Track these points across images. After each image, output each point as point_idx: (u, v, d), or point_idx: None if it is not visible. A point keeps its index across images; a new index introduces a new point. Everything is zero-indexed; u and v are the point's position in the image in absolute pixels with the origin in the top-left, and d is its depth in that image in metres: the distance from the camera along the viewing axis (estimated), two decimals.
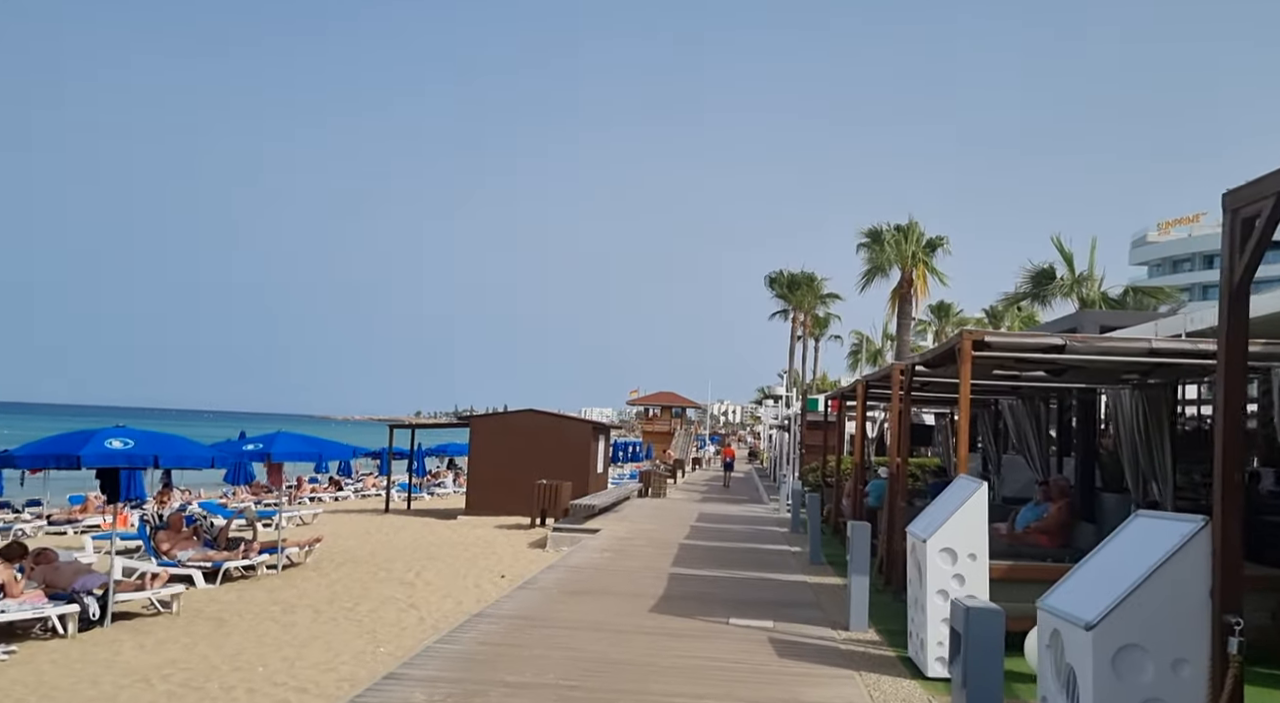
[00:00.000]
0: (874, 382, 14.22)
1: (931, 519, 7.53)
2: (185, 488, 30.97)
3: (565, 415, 26.87)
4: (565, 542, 17.98)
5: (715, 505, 26.11)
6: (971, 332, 7.97)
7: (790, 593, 11.26)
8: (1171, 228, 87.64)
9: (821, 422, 24.48)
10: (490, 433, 25.33)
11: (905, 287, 33.80)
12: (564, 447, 25.14)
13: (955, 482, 7.76)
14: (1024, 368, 9.90)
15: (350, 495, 37.24)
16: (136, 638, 9.64)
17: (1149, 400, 10.29)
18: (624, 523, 19.67)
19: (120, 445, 9.55)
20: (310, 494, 35.31)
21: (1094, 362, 8.32)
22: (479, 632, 8.43)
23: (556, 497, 21.84)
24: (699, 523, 20.16)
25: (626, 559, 13.88)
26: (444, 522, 23.75)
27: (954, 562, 7.18)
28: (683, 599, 10.47)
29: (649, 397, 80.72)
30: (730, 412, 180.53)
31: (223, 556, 13.50)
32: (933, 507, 7.85)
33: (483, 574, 14.60)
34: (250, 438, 14.92)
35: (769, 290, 56.39)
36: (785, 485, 24.74)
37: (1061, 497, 12.07)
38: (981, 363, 8.42)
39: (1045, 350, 7.95)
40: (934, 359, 9.47)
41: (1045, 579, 8.19)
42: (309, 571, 14.51)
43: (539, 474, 22.96)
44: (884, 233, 33.77)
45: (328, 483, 38.98)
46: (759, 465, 61.78)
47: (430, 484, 39.33)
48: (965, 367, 7.95)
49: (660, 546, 15.63)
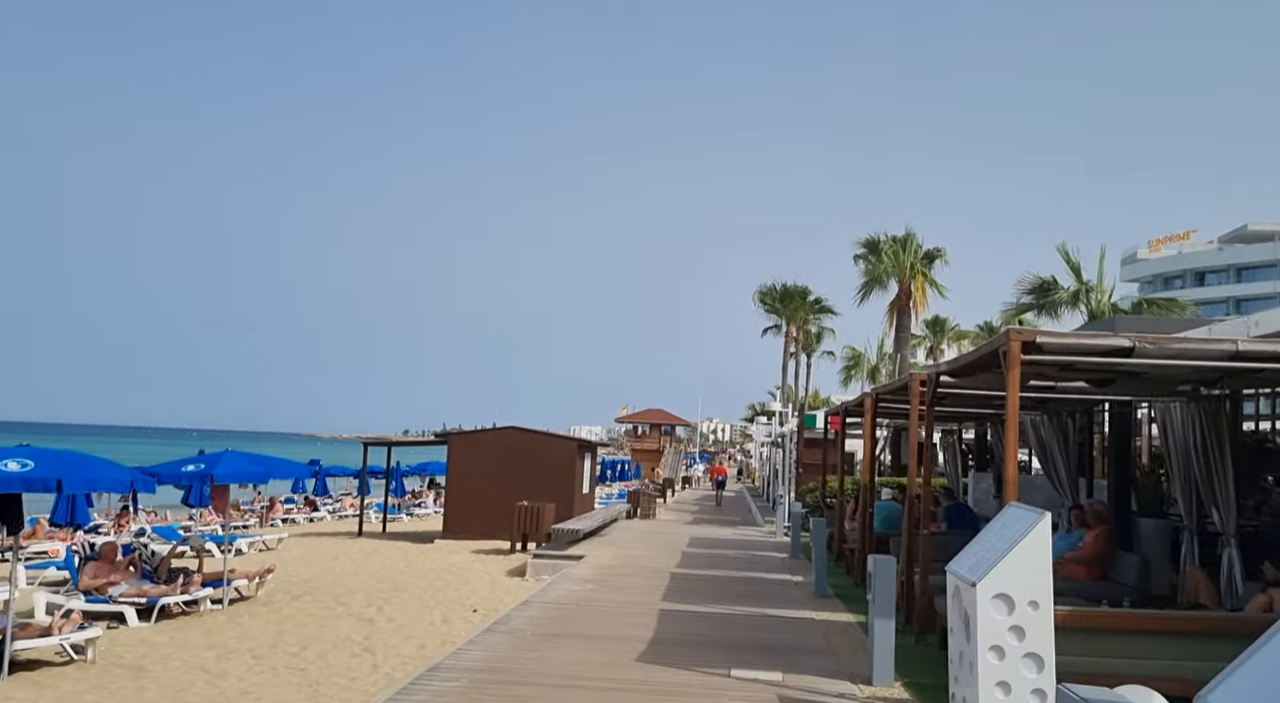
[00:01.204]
0: (885, 395, 12.92)
1: (980, 557, 6.19)
2: (151, 509, 29.39)
3: (549, 433, 25.46)
4: (546, 570, 16.58)
5: (707, 528, 24.71)
6: (1020, 331, 6.68)
7: (797, 634, 9.90)
8: (1162, 245, 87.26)
9: (820, 439, 23.17)
10: (469, 452, 23.90)
11: (904, 299, 32.56)
12: (547, 466, 23.73)
13: (1007, 511, 6.43)
14: (1066, 376, 8.62)
15: (326, 516, 35.68)
16: (31, 694, 8.20)
17: (1207, 414, 9.02)
18: (610, 548, 18.27)
19: (17, 468, 8.14)
20: (284, 516, 33.77)
21: (1159, 368, 7.04)
22: (432, 692, 7.03)
23: (538, 520, 20.41)
24: (691, 548, 18.77)
25: (612, 592, 12.49)
26: (419, 546, 22.29)
27: (1010, 611, 5.83)
28: (675, 644, 9.09)
29: (638, 414, 79.30)
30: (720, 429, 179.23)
31: (159, 590, 12.04)
32: (978, 541, 6.51)
33: (453, 608, 13.19)
34: (190, 458, 13.45)
35: (760, 305, 55.12)
36: (781, 507, 23.38)
37: (1099, 523, 10.79)
38: (1025, 369, 7.13)
39: (1109, 353, 6.67)
40: (966, 366, 8.18)
41: (1114, 628, 6.92)
42: (259, 606, 13.06)
43: (520, 495, 21.55)
44: (882, 243, 32.56)
45: (303, 503, 37.48)
46: (750, 484, 60.37)
47: (410, 505, 37.79)
48: (1014, 373, 6.65)
49: (649, 575, 14.25)
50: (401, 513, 35.50)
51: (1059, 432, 12.75)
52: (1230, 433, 9.01)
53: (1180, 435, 9.54)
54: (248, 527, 29.41)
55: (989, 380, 9.21)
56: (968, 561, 6.45)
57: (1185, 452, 9.37)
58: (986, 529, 6.56)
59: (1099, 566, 10.61)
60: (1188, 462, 9.35)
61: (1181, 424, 9.54)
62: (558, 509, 22.05)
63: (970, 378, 9.31)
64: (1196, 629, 6.54)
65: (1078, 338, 6.73)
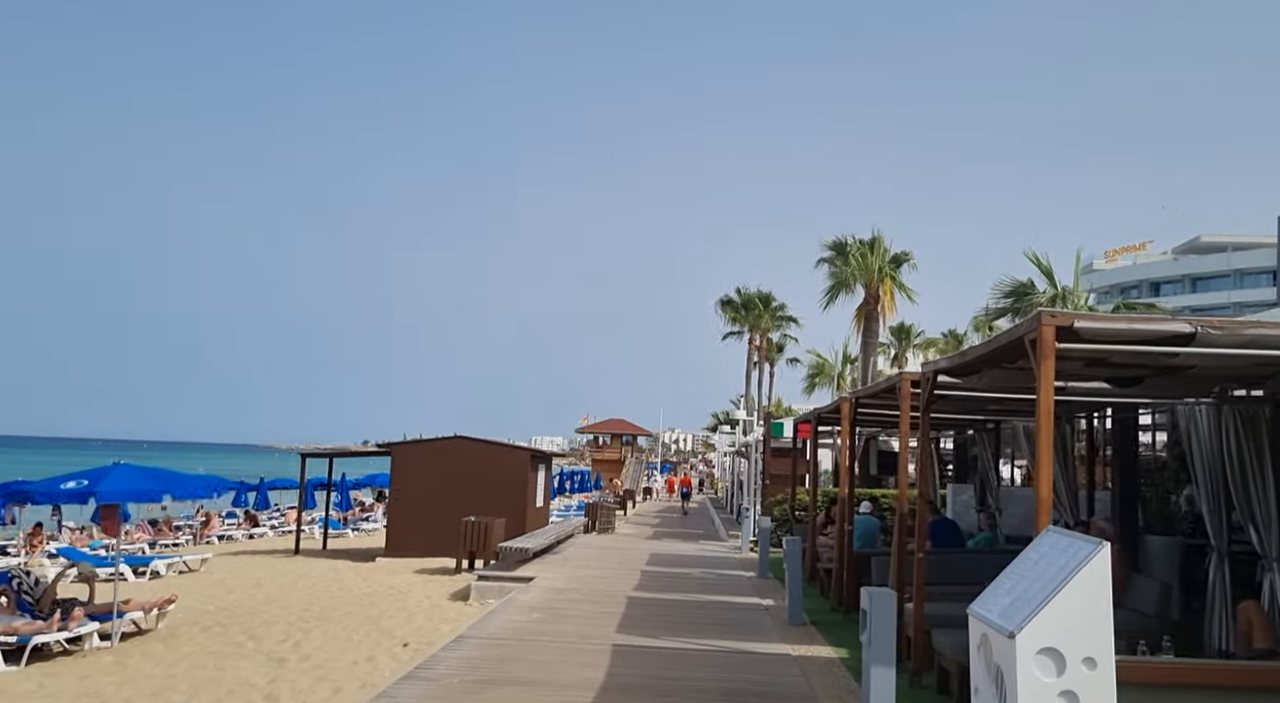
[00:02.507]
0: (865, 399, 11.63)
1: (1016, 597, 4.83)
2: (77, 526, 27.29)
3: (499, 443, 23.92)
4: (492, 593, 15.07)
5: (669, 543, 23.30)
6: (1055, 314, 5.38)
7: (772, 674, 8.53)
8: (1119, 255, 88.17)
9: (788, 449, 21.90)
10: (414, 463, 22.31)
11: (871, 304, 31.49)
12: (498, 478, 22.22)
13: (1045, 537, 5.09)
14: (1087, 374, 7.36)
15: (267, 532, 33.71)
16: None
17: (1244, 419, 7.81)
18: (564, 568, 16.79)
19: None
20: (220, 532, 31.76)
21: (1219, 359, 5.78)
22: None
23: (486, 536, 18.88)
24: (651, 567, 17.35)
25: (560, 622, 11.03)
26: (358, 565, 20.65)
27: (1061, 671, 4.48)
28: (629, 693, 7.66)
29: (599, 424, 77.80)
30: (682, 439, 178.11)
31: (32, 627, 10.35)
32: (1009, 575, 5.15)
33: (382, 642, 11.65)
34: (74, 473, 11.77)
35: (721, 314, 53.98)
36: (747, 521, 22.06)
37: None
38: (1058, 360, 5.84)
39: (1163, 341, 5.40)
40: (976, 361, 6.89)
41: (1183, 682, 5.66)
42: (156, 642, 11.40)
43: (469, 509, 20.00)
44: (849, 246, 31.48)
45: (243, 518, 35.45)
46: (713, 495, 59.14)
47: (356, 519, 35.95)
48: (1047, 364, 5.35)
49: (604, 600, 12.81)
50: (347, 528, 33.68)
51: (1057, 440, 11.50)
52: (1271, 441, 7.81)
53: (1209, 444, 8.33)
54: (178, 545, 27.50)
55: (996, 380, 7.96)
56: (998, 601, 5.08)
57: (1216, 463, 8.16)
58: (1020, 560, 5.20)
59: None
60: (1219, 474, 8.14)
61: (1210, 431, 8.34)
62: (509, 524, 20.54)
63: (973, 377, 8.05)
64: (1270, 684, 5.27)
65: (1129, 322, 5.46)
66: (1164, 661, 5.52)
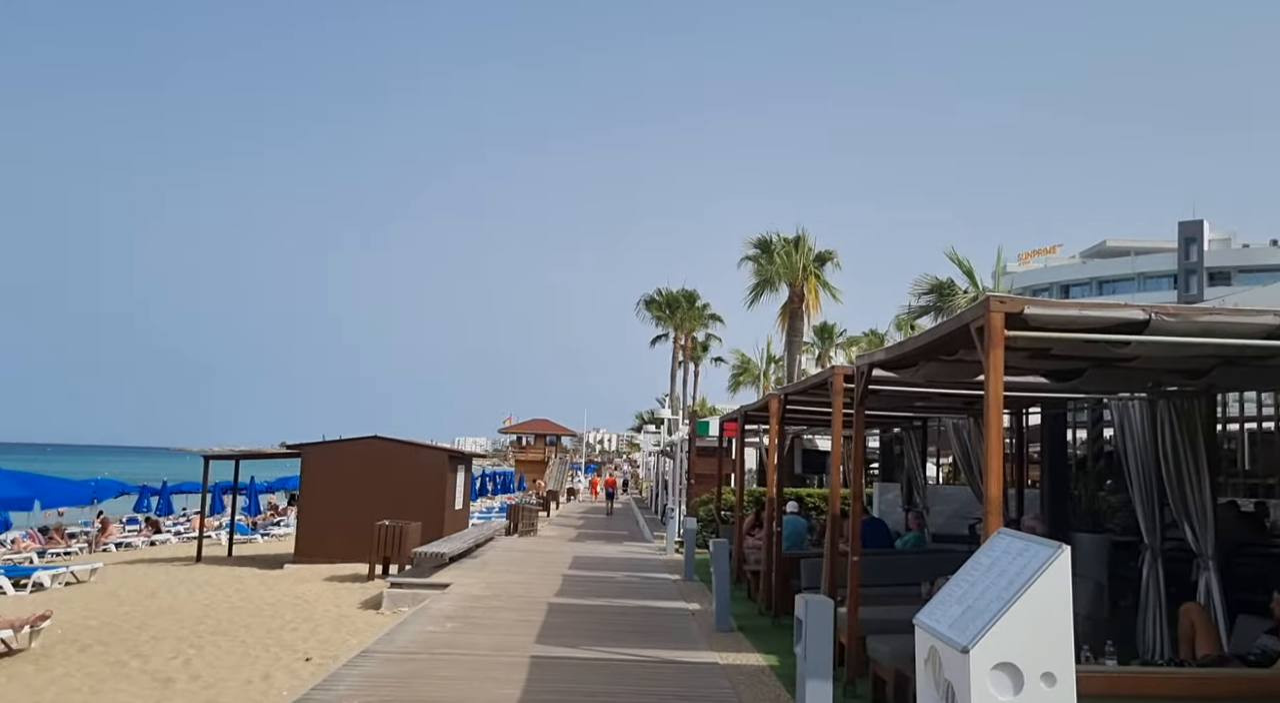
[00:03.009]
0: (794, 395, 11.27)
1: (967, 608, 4.43)
2: None
3: (416, 443, 23.03)
4: (405, 601, 14.33)
5: (593, 545, 22.74)
6: (1006, 300, 5.02)
7: (699, 686, 8.05)
8: (1030, 258, 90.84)
9: (714, 448, 21.57)
10: (325, 464, 21.31)
11: (796, 302, 31.43)
12: (415, 480, 21.37)
13: (997, 540, 4.72)
14: (1028, 366, 7.07)
15: (171, 538, 32.04)
16: None
17: (1178, 414, 7.64)
18: (483, 573, 16.10)
19: None
20: (118, 539, 30.02)
21: (1175, 348, 5.48)
22: None
23: (401, 541, 18.06)
24: (574, 571, 16.77)
25: (476, 632, 10.38)
26: (265, 573, 19.59)
27: (1019, 688, 4.09)
28: None
29: (522, 424, 76.78)
30: (606, 439, 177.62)
31: None
32: (957, 582, 4.76)
33: (282, 657, 10.85)
34: None
35: (646, 313, 53.64)
36: (672, 521, 21.64)
37: None
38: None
39: (1115, 329, 5.07)
40: (915, 352, 6.52)
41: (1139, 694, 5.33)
42: (26, 663, 10.39)
43: (384, 513, 19.15)
44: (774, 243, 31.37)
45: (144, 524, 33.64)
46: (637, 495, 58.78)
47: (266, 523, 34.49)
48: (996, 353, 4.98)
49: (524, 608, 12.20)
50: (256, 533, 32.25)
51: None
52: (1206, 436, 7.65)
53: (1143, 440, 8.16)
54: (70, 554, 25.84)
55: (933, 372, 7.62)
56: (948, 611, 4.67)
57: (1150, 459, 7.99)
58: (971, 565, 4.81)
59: None
60: (1152, 471, 7.97)
61: (1144, 427, 8.17)
62: (426, 528, 19.74)
63: (908, 371, 7.70)
64: (1238, 692, 4.99)
65: (1080, 309, 5.11)
66: (1129, 671, 5.20)
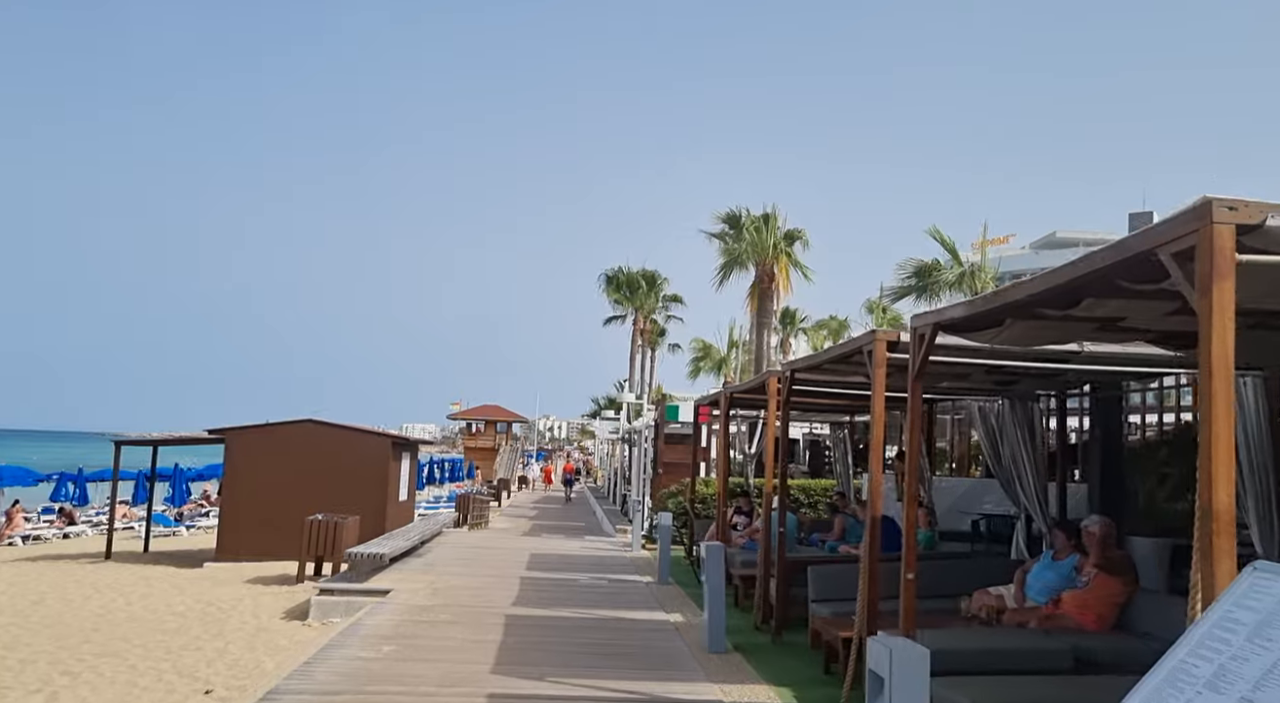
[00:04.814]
0: (802, 372, 9.47)
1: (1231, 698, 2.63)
2: None
3: (356, 428, 20.91)
4: (338, 610, 12.30)
5: (550, 540, 20.85)
6: (1236, 206, 3.24)
7: None
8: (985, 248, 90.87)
9: (685, 435, 19.80)
10: (253, 451, 19.11)
11: (765, 282, 29.76)
12: (354, 468, 19.28)
13: (1249, 579, 2.92)
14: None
15: (86, 531, 29.40)
16: None
17: None
18: (428, 575, 14.13)
19: None
20: (26, 532, 27.35)
21: None
22: None
23: (336, 537, 15.98)
24: (532, 572, 14.88)
25: (418, 659, 8.45)
26: (180, 572, 17.40)
27: None
28: None
29: (473, 410, 74.35)
30: (558, 427, 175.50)
31: None
32: (1197, 651, 2.95)
33: (177, 688, 8.81)
34: None
35: (605, 293, 51.64)
36: (638, 514, 19.84)
37: (1109, 549, 7.76)
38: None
39: None
40: (1028, 299, 4.75)
41: None
42: None
43: (319, 505, 17.05)
44: (744, 219, 29.64)
45: (58, 515, 30.92)
46: (592, 484, 56.99)
47: (194, 514, 31.98)
48: (1223, 289, 3.20)
49: (476, 622, 10.28)
50: (181, 525, 29.77)
51: (1023, 422, 9.61)
52: None
53: (1256, 423, 6.54)
54: None
55: (1020, 335, 5.90)
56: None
57: (1264, 447, 6.36)
58: (1214, 621, 2.99)
59: (1111, 611, 7.56)
60: (1270, 463, 6.35)
61: (1257, 407, 6.55)
62: (367, 522, 17.65)
63: (988, 333, 5.97)
64: None
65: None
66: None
